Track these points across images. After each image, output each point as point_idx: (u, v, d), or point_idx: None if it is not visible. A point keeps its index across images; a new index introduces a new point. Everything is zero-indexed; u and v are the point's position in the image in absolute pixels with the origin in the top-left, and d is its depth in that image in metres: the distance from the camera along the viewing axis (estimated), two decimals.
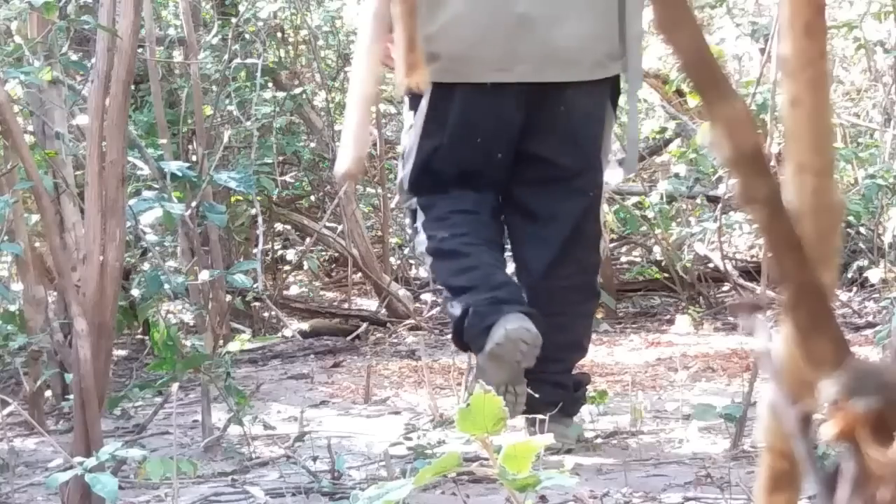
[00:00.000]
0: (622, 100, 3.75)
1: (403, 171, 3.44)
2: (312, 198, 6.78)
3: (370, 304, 6.01)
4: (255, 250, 5.08)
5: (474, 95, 3.27)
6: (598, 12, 3.26)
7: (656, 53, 6.36)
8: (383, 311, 5.69)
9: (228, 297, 4.82)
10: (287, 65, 6.47)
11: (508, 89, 3.26)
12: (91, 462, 2.50)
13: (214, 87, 5.45)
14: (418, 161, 3.37)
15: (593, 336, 5.06)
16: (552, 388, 3.28)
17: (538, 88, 3.27)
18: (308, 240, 6.24)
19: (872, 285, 5.56)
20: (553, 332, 3.23)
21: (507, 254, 3.58)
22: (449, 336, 5.36)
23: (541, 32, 3.21)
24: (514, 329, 3.10)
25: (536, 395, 3.21)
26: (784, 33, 0.69)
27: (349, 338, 5.34)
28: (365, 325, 5.49)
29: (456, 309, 3.26)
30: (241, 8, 5.74)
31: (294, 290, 6.49)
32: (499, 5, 3.21)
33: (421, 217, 3.39)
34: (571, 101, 3.30)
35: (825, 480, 0.69)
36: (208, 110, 5.29)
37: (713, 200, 5.87)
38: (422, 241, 3.38)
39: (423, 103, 3.32)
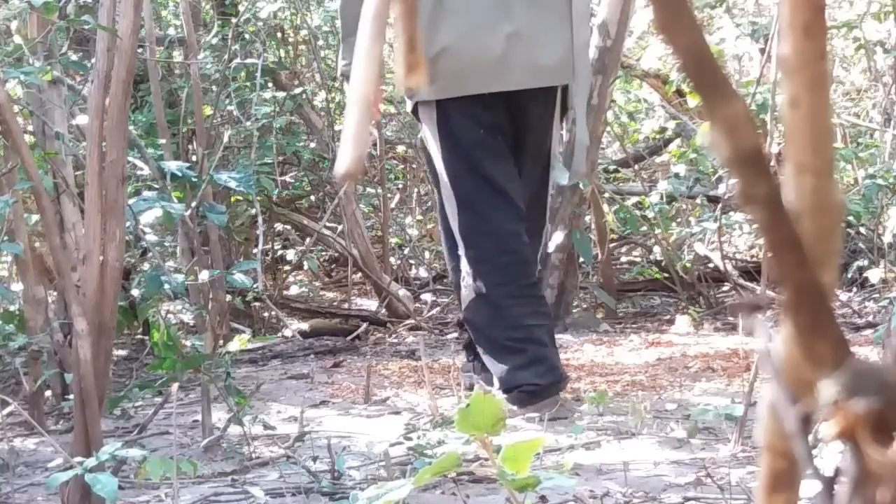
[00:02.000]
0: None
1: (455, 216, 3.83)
2: (312, 198, 6.78)
3: (370, 304, 6.01)
4: (255, 250, 5.08)
5: (474, 106, 3.71)
6: (563, 23, 3.73)
7: (656, 53, 6.36)
8: (383, 311, 5.69)
9: (228, 297, 4.82)
10: (287, 65, 6.47)
11: (501, 97, 3.73)
12: (91, 462, 2.49)
13: (214, 87, 5.45)
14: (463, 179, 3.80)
15: (593, 336, 5.09)
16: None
17: (526, 94, 3.74)
18: (308, 240, 6.24)
19: (872, 285, 5.56)
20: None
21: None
22: (449, 336, 5.39)
23: (527, 46, 3.68)
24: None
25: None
26: (784, 33, 0.69)
27: (349, 338, 5.34)
28: (365, 325, 5.49)
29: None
30: (241, 8, 5.74)
31: (294, 290, 6.49)
32: (490, 27, 3.66)
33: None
34: (546, 103, 3.82)
35: (825, 480, 0.69)
36: (208, 110, 5.29)
37: (713, 200, 5.88)
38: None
39: (430, 127, 3.78)
